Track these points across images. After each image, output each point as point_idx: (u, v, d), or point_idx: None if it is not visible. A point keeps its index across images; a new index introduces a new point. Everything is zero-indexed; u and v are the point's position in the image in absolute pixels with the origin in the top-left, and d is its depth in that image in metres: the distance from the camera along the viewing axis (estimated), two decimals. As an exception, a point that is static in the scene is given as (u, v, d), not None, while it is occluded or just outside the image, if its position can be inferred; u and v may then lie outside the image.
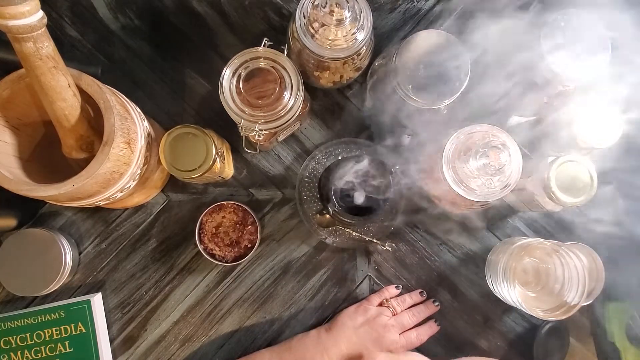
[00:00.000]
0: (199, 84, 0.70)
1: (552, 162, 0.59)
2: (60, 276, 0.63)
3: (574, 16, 0.56)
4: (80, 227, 0.68)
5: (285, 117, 0.55)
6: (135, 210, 0.68)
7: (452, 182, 0.57)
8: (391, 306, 0.66)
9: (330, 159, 0.69)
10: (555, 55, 0.55)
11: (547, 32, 0.55)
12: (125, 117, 0.52)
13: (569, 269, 0.59)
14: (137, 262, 0.68)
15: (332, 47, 0.55)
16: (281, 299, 0.69)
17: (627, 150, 0.61)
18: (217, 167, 0.59)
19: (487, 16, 0.58)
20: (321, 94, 0.70)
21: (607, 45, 0.56)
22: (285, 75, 0.55)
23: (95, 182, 0.50)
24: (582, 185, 0.58)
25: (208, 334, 0.68)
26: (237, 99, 0.54)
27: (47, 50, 0.44)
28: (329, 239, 0.68)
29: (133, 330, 0.67)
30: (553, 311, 0.58)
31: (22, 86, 0.51)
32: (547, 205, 0.63)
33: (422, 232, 0.70)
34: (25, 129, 0.55)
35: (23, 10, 0.39)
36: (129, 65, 0.69)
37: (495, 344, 0.69)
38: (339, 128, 0.71)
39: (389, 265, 0.70)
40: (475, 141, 0.56)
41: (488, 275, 0.67)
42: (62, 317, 0.64)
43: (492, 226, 0.71)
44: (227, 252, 0.66)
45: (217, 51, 0.70)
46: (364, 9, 0.55)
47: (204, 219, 0.66)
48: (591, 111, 0.59)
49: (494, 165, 0.55)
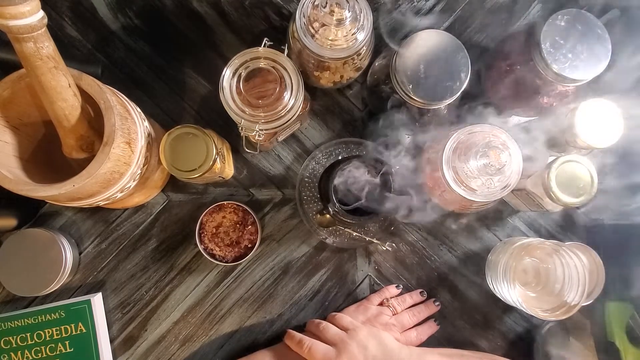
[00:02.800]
0: (199, 84, 0.70)
1: (552, 162, 0.59)
2: (60, 276, 0.63)
3: (574, 16, 0.56)
4: (80, 227, 0.68)
5: (285, 117, 0.55)
6: (136, 210, 0.68)
7: (452, 182, 0.57)
8: (391, 306, 0.66)
9: (330, 159, 0.69)
10: (555, 55, 0.55)
11: (547, 32, 0.55)
12: (125, 117, 0.52)
13: (569, 269, 0.59)
14: (138, 262, 0.68)
15: (332, 47, 0.55)
16: (281, 299, 0.69)
17: (627, 150, 0.62)
18: (217, 167, 0.59)
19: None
20: (321, 94, 0.71)
21: (607, 45, 0.56)
22: (286, 75, 0.55)
23: (96, 182, 0.50)
24: (582, 185, 0.58)
25: (208, 334, 0.68)
26: (237, 99, 0.54)
27: (47, 50, 0.44)
28: (329, 239, 0.68)
29: (133, 330, 0.67)
30: (553, 311, 0.58)
31: (23, 86, 0.51)
32: (547, 205, 0.63)
33: (422, 232, 0.70)
34: (26, 129, 0.55)
35: (24, 10, 0.39)
36: (129, 65, 0.69)
37: (495, 344, 0.69)
38: (339, 128, 0.71)
39: (389, 265, 0.70)
40: (475, 141, 0.56)
41: (488, 275, 0.67)
42: (62, 317, 0.64)
43: (492, 226, 0.71)
44: (227, 252, 0.66)
45: (217, 51, 0.70)
46: (364, 9, 0.55)
47: (204, 219, 0.66)
48: (591, 111, 0.59)
49: (494, 165, 0.55)
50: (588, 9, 0.57)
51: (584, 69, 0.55)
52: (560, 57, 0.55)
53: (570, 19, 0.56)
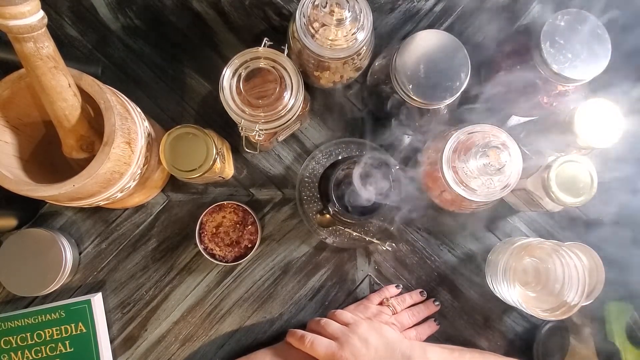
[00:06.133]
0: (199, 84, 0.70)
1: (552, 162, 0.59)
2: (60, 276, 0.63)
3: (574, 16, 0.56)
4: (80, 227, 0.68)
5: (285, 117, 0.55)
6: (136, 210, 0.68)
7: (452, 182, 0.57)
8: (391, 305, 0.66)
9: (330, 159, 0.69)
10: (555, 55, 0.55)
11: (547, 32, 0.55)
12: (125, 117, 0.52)
13: (569, 269, 0.59)
14: (138, 262, 0.68)
15: (332, 47, 0.55)
16: (281, 299, 0.69)
17: (627, 150, 0.62)
18: (217, 167, 0.59)
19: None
20: (321, 94, 0.71)
21: (607, 45, 0.56)
22: (286, 75, 0.55)
23: (96, 182, 0.50)
24: (582, 185, 0.58)
25: (208, 333, 0.68)
26: (237, 99, 0.54)
27: (47, 50, 0.44)
28: (329, 239, 0.68)
29: (133, 330, 0.67)
30: (553, 311, 0.58)
31: (23, 86, 0.51)
32: (547, 205, 0.63)
33: (422, 232, 0.70)
34: (26, 129, 0.55)
35: (23, 10, 0.39)
36: (129, 65, 0.69)
37: (495, 343, 0.69)
38: (339, 128, 0.71)
39: (389, 265, 0.70)
40: (475, 141, 0.56)
41: (488, 275, 0.67)
42: (62, 317, 0.64)
43: (492, 226, 0.71)
44: (227, 252, 0.66)
45: (217, 51, 0.70)
46: (364, 9, 0.55)
47: (204, 219, 0.66)
48: (591, 111, 0.59)
49: (494, 165, 0.55)
50: (588, 9, 0.57)
51: (584, 69, 0.55)
52: (560, 57, 0.55)
53: (570, 19, 0.56)
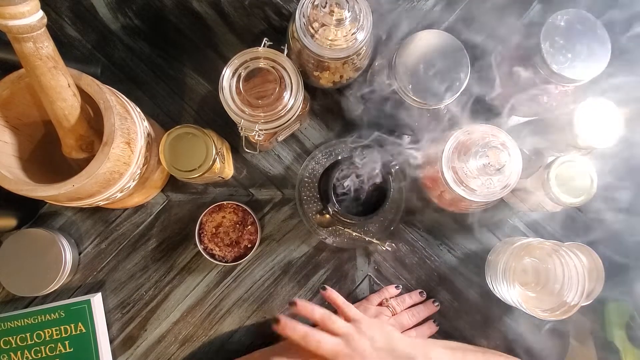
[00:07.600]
0: (199, 84, 0.70)
1: (552, 162, 0.59)
2: (60, 276, 0.63)
3: (574, 16, 0.56)
4: (80, 227, 0.68)
5: (285, 117, 0.55)
6: (135, 210, 0.68)
7: (452, 182, 0.57)
8: (391, 306, 0.66)
9: (330, 159, 0.69)
10: (555, 55, 0.55)
11: (547, 32, 0.55)
12: (125, 117, 0.52)
13: (569, 269, 0.59)
14: (137, 262, 0.68)
15: (332, 47, 0.55)
16: (281, 299, 0.69)
17: (627, 150, 0.62)
18: (217, 167, 0.59)
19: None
20: (321, 94, 0.71)
21: (607, 45, 0.56)
22: (285, 75, 0.55)
23: (95, 182, 0.50)
24: (582, 185, 0.58)
25: (208, 334, 0.68)
26: (237, 99, 0.54)
27: (47, 50, 0.44)
28: (329, 239, 0.68)
29: (133, 330, 0.67)
30: (553, 311, 0.58)
31: (22, 86, 0.51)
32: (547, 205, 0.63)
33: (422, 232, 0.70)
34: (25, 129, 0.55)
35: (23, 10, 0.39)
36: (129, 65, 0.69)
37: (495, 344, 0.69)
38: (339, 128, 0.71)
39: (388, 265, 0.70)
40: (475, 141, 0.56)
41: (488, 275, 0.67)
42: (62, 317, 0.64)
43: (492, 226, 0.71)
44: (227, 252, 0.66)
45: (217, 51, 0.70)
46: (364, 9, 0.55)
47: (204, 219, 0.66)
48: (591, 111, 0.59)
49: (494, 165, 0.55)
50: (588, 9, 0.57)
51: (583, 69, 0.55)
52: (560, 57, 0.55)
53: (570, 19, 0.56)
